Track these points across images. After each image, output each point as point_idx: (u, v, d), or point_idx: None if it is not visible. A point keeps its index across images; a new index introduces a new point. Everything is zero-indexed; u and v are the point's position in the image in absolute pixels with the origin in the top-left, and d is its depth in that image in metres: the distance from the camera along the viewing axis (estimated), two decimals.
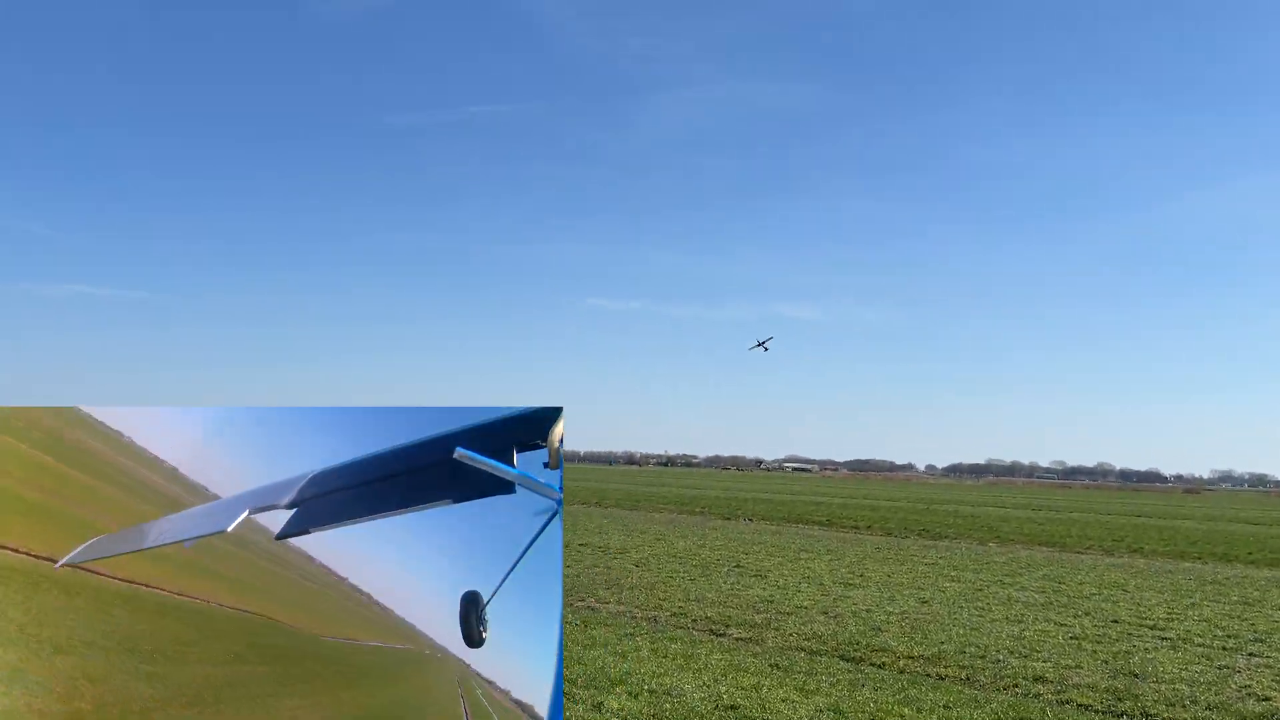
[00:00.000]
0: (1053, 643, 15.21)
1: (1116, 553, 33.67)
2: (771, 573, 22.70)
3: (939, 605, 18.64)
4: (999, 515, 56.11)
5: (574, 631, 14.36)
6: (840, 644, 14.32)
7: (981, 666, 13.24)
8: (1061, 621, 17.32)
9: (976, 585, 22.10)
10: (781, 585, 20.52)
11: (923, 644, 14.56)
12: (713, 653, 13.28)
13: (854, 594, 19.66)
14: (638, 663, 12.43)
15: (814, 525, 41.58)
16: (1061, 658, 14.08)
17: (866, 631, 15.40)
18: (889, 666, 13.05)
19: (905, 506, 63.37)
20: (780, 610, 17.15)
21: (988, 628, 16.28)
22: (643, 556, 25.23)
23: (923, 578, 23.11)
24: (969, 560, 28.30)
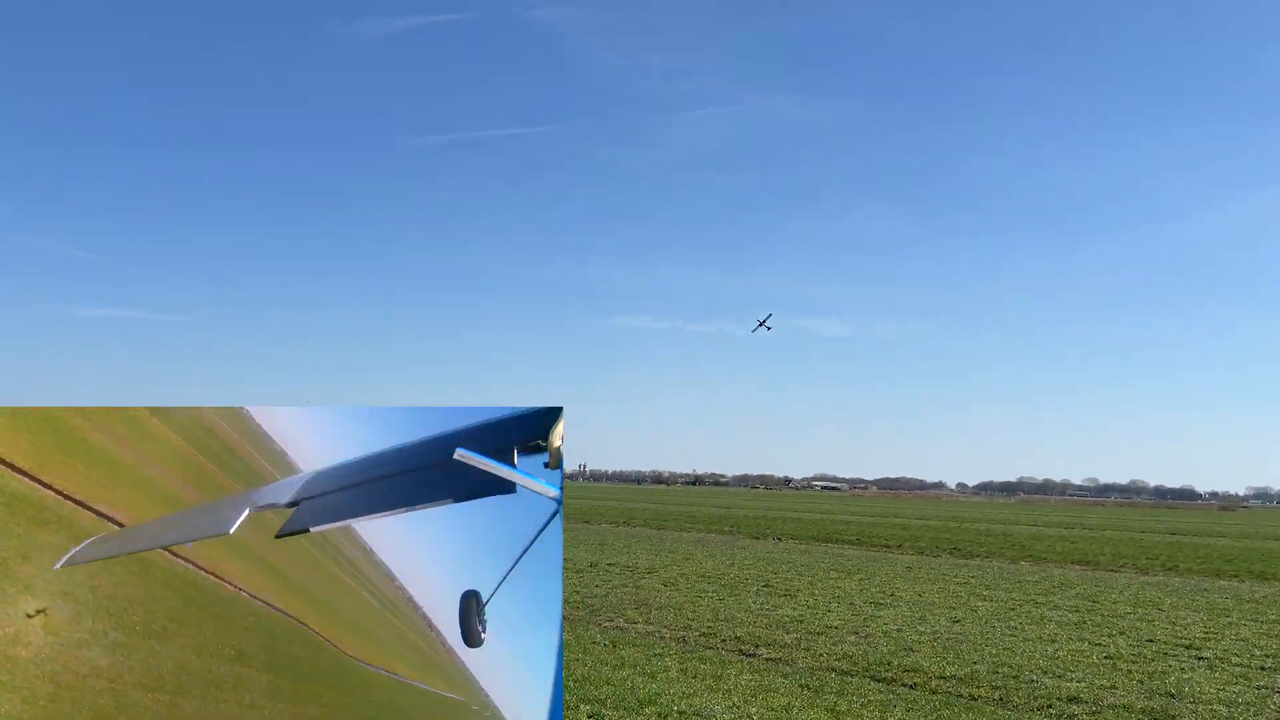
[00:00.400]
0: (1087, 662, 15.02)
1: (1151, 571, 33.24)
2: (801, 592, 22.56)
3: (971, 625, 18.46)
4: (1031, 533, 55.55)
5: (602, 652, 14.32)
6: (872, 664, 14.20)
7: (1015, 687, 13.09)
8: (1096, 641, 17.11)
9: (1009, 604, 21.88)
10: (811, 605, 20.39)
11: (955, 664, 14.42)
12: (742, 673, 13.21)
13: (885, 613, 19.51)
14: (666, 683, 12.38)
15: (844, 544, 41.31)
16: (1096, 678, 13.90)
17: (898, 651, 15.27)
18: (921, 687, 12.93)
19: (936, 525, 62.85)
20: (810, 630, 17.04)
21: (1021, 647, 16.11)
22: (671, 576, 25.14)
23: (954, 597, 22.91)
24: (1001, 579, 28.02)
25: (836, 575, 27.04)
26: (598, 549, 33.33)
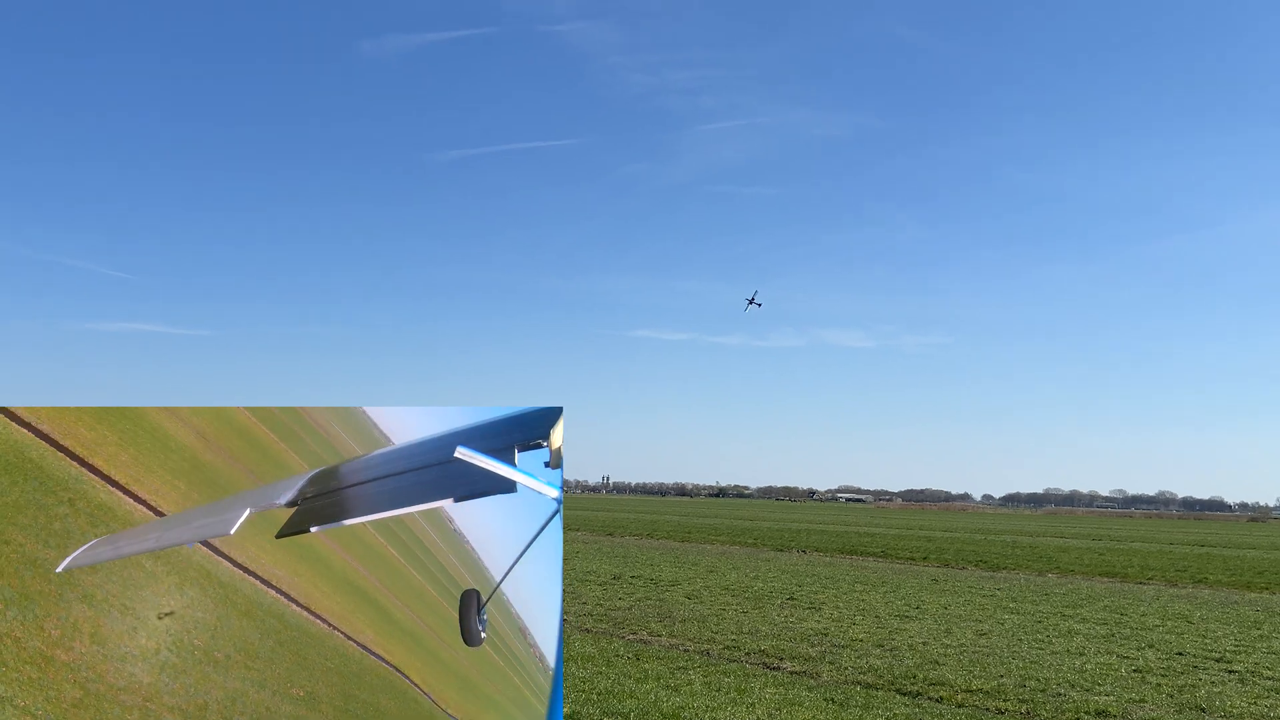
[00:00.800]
0: (1115, 676, 14.87)
1: (1180, 583, 32.88)
2: (826, 605, 22.46)
3: (998, 638, 18.31)
4: (1058, 545, 55.09)
5: (626, 665, 14.29)
6: (897, 677, 14.10)
7: (1042, 700, 12.97)
8: (1124, 654, 16.94)
9: (1036, 617, 21.70)
10: (836, 618, 20.29)
11: (981, 677, 14.30)
12: (766, 686, 13.14)
13: (910, 626, 19.38)
14: (690, 696, 12.33)
15: (869, 557, 41.09)
16: (1125, 691, 13.76)
17: (924, 665, 15.16)
18: (947, 700, 12.83)
19: (962, 537, 62.46)
20: (835, 643, 16.95)
21: (1048, 660, 15.96)
22: (695, 589, 25.08)
23: (980, 610, 22.74)
24: (1028, 591, 27.80)
25: (861, 588, 26.90)
26: (621, 561, 33.30)
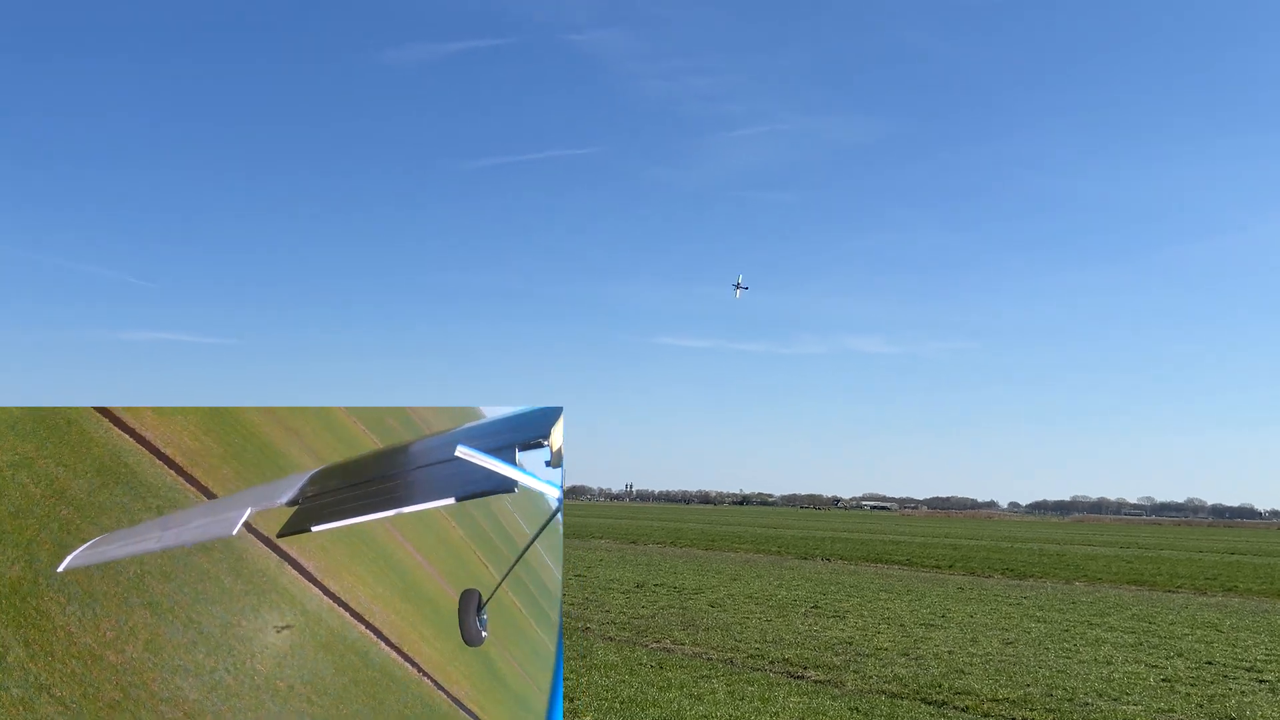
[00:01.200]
0: (1143, 685, 14.72)
1: (1209, 591, 32.55)
2: (850, 614, 22.35)
3: (1024, 646, 18.17)
4: (1085, 553, 54.64)
5: (649, 673, 14.26)
6: (922, 686, 14.01)
7: (1069, 710, 12.86)
8: (1153, 663, 16.77)
9: (1063, 626, 21.52)
10: (861, 626, 20.19)
11: (1008, 686, 14.19)
12: (790, 695, 13.09)
13: (936, 635, 19.26)
14: (714, 705, 12.30)
15: (893, 565, 40.88)
16: (1153, 700, 13.62)
17: (949, 674, 15.06)
18: (973, 710, 12.74)
19: (988, 545, 62.04)
20: (860, 652, 16.86)
21: (1075, 669, 15.83)
22: (718, 597, 25.02)
23: (1007, 618, 22.57)
24: (1054, 600, 27.58)
25: (886, 596, 26.76)
26: (645, 569, 33.27)
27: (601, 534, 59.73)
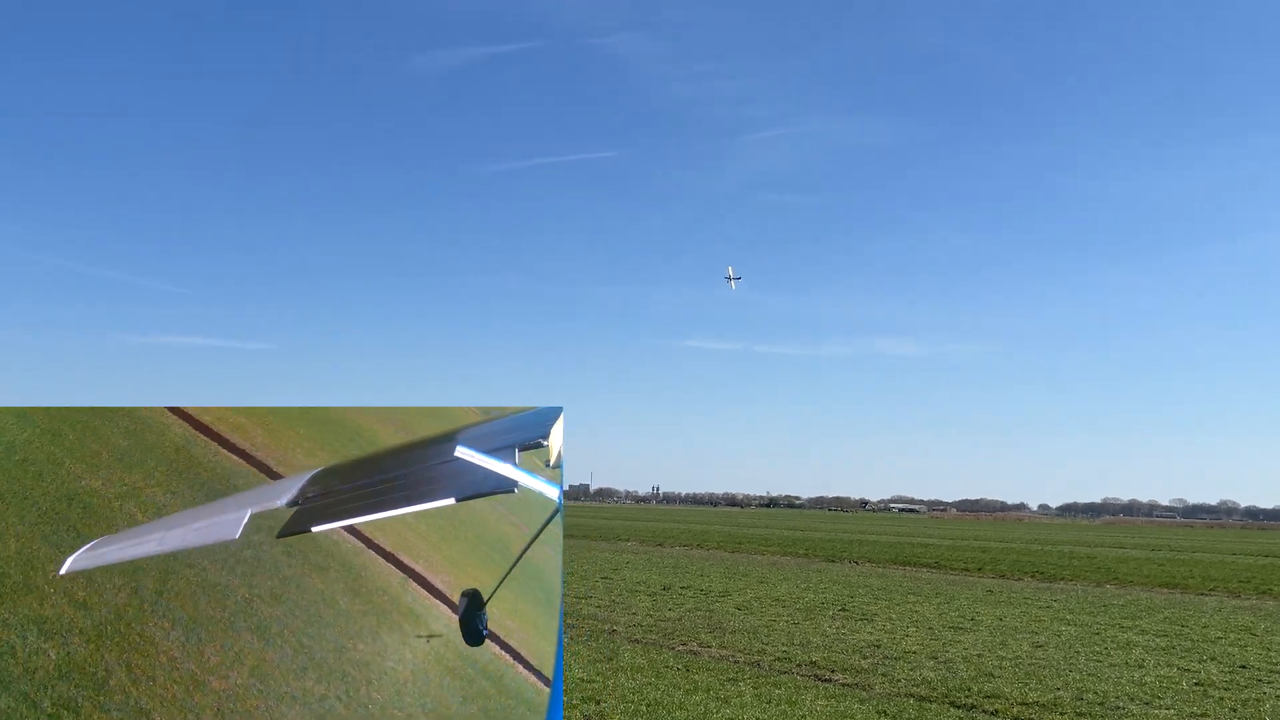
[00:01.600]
0: (1176, 689, 14.55)
1: (1243, 594, 32.15)
2: (878, 616, 22.23)
3: (1054, 650, 18.01)
4: (1116, 556, 54.12)
5: (676, 676, 14.23)
6: (950, 690, 13.91)
7: (1101, 714, 12.72)
8: (1185, 667, 16.57)
9: (1093, 629, 21.31)
10: (888, 629, 20.07)
11: (1037, 690, 14.06)
12: (817, 699, 13.02)
13: (964, 638, 19.12)
14: (741, 708, 12.25)
15: (922, 567, 40.64)
16: (1186, 705, 13.45)
17: (978, 677, 14.94)
18: (1002, 714, 12.63)
19: (1017, 548, 61.58)
20: (887, 655, 16.76)
21: (1106, 673, 15.66)
22: (745, 599, 24.95)
23: (1036, 621, 22.38)
24: (1085, 603, 27.32)
25: (914, 599, 26.60)
26: (671, 572, 33.23)
27: (628, 536, 59.72)
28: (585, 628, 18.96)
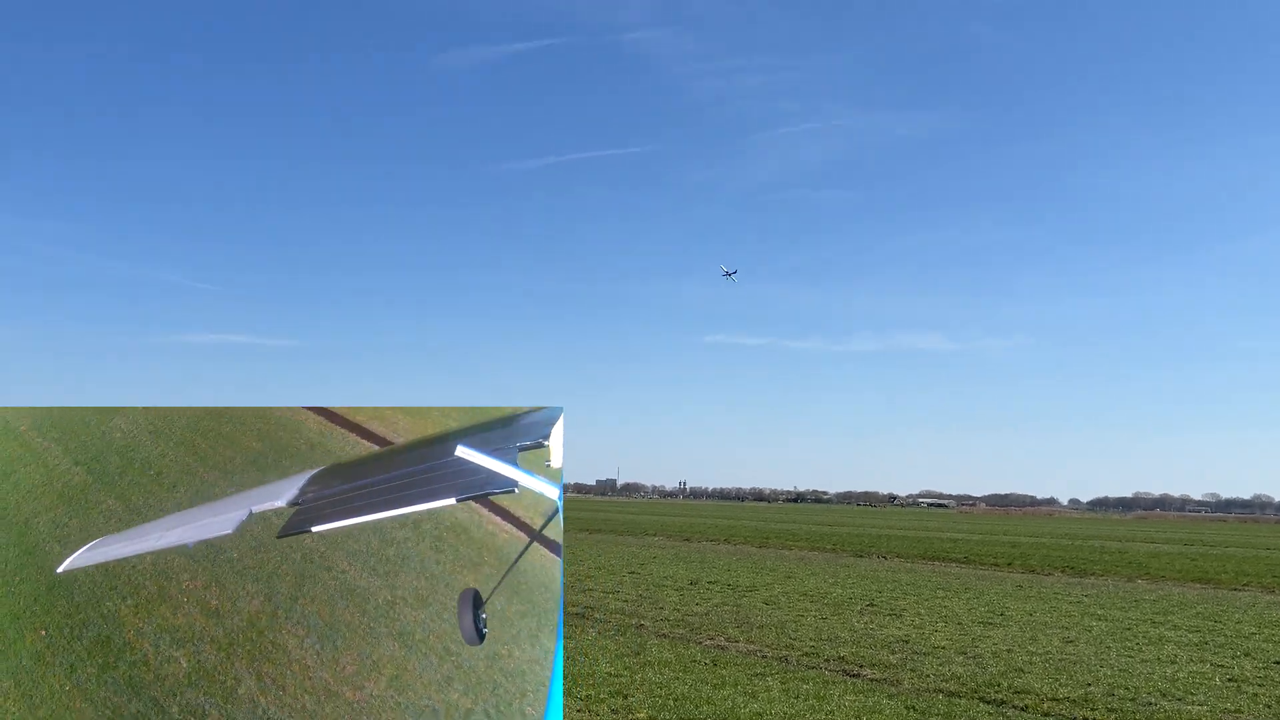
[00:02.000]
0: (1209, 685, 14.41)
1: (1278, 590, 31.77)
2: (907, 612, 22.14)
3: (1085, 645, 17.87)
4: (1148, 551, 53.65)
5: (703, 670, 14.23)
6: (980, 685, 13.84)
7: (1132, 710, 12.62)
8: (1218, 663, 16.41)
9: (1125, 624, 21.14)
10: (917, 625, 19.98)
11: (1068, 685, 13.97)
12: (845, 694, 12.99)
13: (994, 634, 19.02)
14: (769, 703, 12.24)
15: (951, 563, 40.44)
16: (1219, 701, 13.32)
17: (1008, 672, 14.85)
18: (1032, 709, 12.55)
19: (1048, 542, 61.16)
20: (916, 650, 16.69)
21: (1138, 669, 15.53)
22: (772, 594, 24.91)
23: (1067, 617, 22.22)
24: (1116, 598, 27.10)
25: (943, 594, 26.48)
26: (698, 566, 33.22)
27: (655, 531, 59.75)
28: (613, 622, 18.99)
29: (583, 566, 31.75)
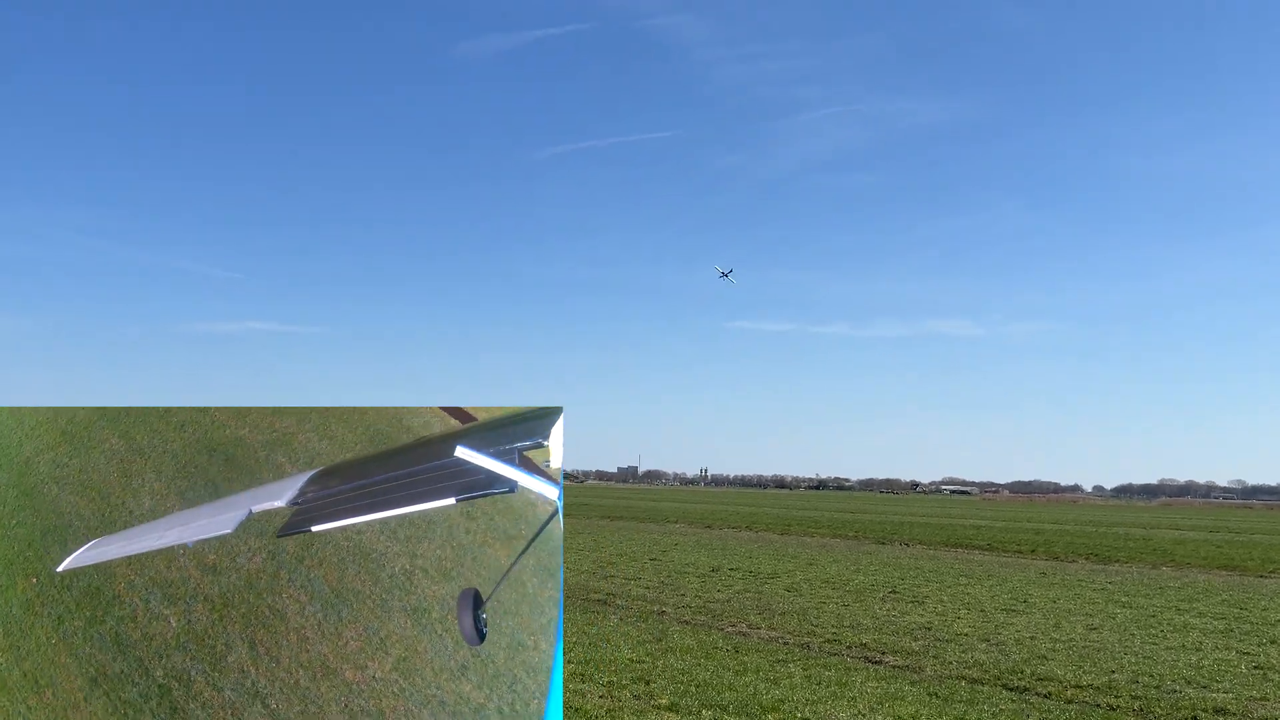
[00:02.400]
0: (1234, 672, 14.31)
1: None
2: (929, 599, 22.08)
3: (1109, 632, 17.79)
4: (1173, 538, 53.29)
5: (725, 657, 14.24)
6: (1003, 672, 13.79)
7: (1156, 697, 12.55)
8: (1244, 650, 16.29)
9: (1149, 611, 21.02)
10: (940, 612, 19.93)
11: (1092, 673, 13.90)
12: (867, 680, 12.97)
13: (1017, 621, 18.95)
14: (790, 689, 12.24)
15: (974, 550, 40.31)
16: (1245, 688, 13.23)
17: (1031, 660, 14.80)
18: (1056, 696, 12.51)
19: (1071, 529, 60.87)
20: (939, 637, 16.65)
21: (1162, 656, 15.45)
22: (794, 581, 24.90)
23: (1091, 604, 22.12)
24: (1141, 585, 26.95)
25: (966, 581, 26.40)
26: (720, 553, 33.24)
27: (676, 518, 59.80)
28: (635, 609, 19.03)
29: (605, 553, 31.82)
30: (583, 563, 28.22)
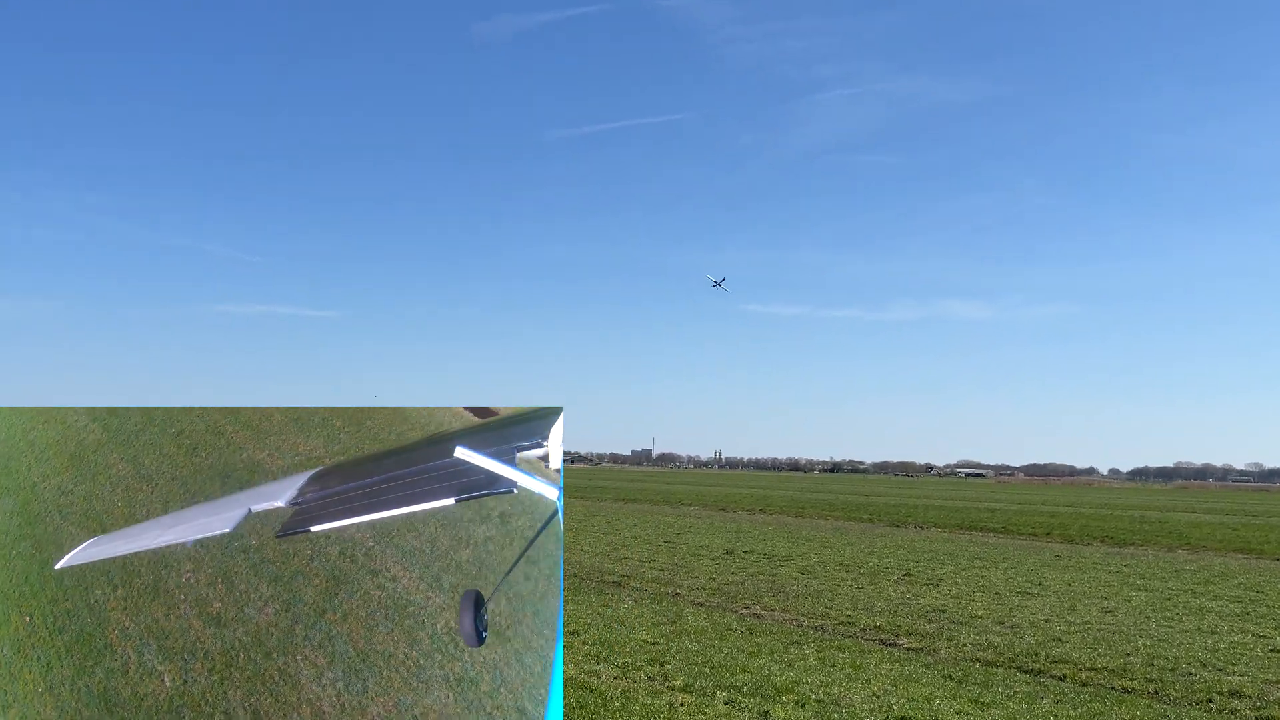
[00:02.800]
0: (1250, 655, 14.27)
1: None
2: (944, 581, 22.07)
3: (1124, 615, 17.75)
4: (1189, 521, 53.09)
5: (739, 639, 14.28)
6: (1017, 655, 13.79)
7: (1171, 680, 12.53)
8: (1260, 633, 16.24)
9: (1165, 594, 20.96)
10: (954, 594, 19.92)
11: (1106, 655, 13.89)
12: (882, 663, 12.99)
13: (1032, 603, 18.92)
14: (804, 671, 12.26)
15: (989, 533, 40.24)
16: (1261, 671, 13.20)
17: (1045, 642, 14.79)
18: (1070, 679, 12.50)
19: (1087, 512, 60.69)
20: (953, 620, 16.65)
21: (1178, 639, 15.41)
22: (808, 564, 24.91)
23: (1106, 587, 22.07)
24: (1156, 568, 26.87)
25: (981, 564, 26.37)
26: (734, 536, 33.28)
27: (690, 501, 59.88)
28: (649, 591, 19.08)
29: (619, 536, 31.89)
30: (597, 545, 28.30)
